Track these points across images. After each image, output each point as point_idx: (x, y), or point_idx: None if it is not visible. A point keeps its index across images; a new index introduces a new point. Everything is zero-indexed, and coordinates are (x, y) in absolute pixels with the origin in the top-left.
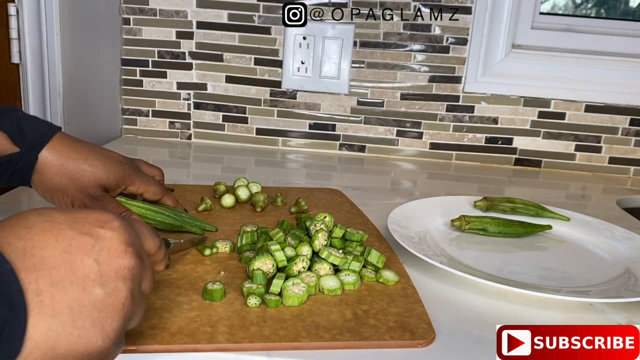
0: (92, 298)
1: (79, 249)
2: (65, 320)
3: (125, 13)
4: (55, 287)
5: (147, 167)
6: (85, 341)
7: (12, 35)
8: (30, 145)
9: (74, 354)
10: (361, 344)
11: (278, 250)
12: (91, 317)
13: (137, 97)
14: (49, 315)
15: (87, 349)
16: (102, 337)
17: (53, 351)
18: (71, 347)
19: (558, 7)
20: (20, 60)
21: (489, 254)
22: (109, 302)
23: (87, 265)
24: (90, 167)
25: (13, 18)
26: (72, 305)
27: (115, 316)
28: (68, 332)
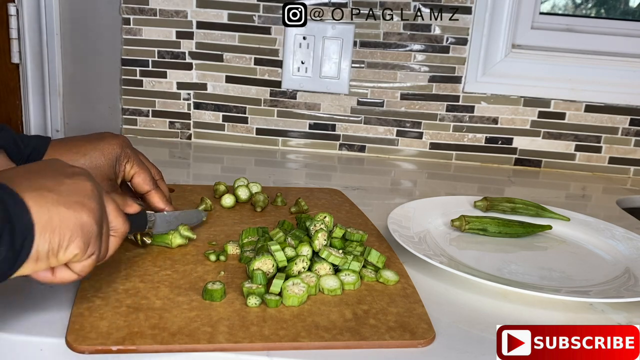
0: (64, 185)
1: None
2: (50, 198)
3: (125, 13)
4: (31, 180)
5: (146, 160)
6: (74, 214)
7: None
8: (27, 159)
9: (68, 225)
10: (361, 343)
11: (278, 250)
12: (70, 197)
13: (137, 97)
14: (35, 196)
15: (76, 220)
16: (85, 211)
17: (50, 224)
18: (63, 219)
19: (558, 7)
20: (20, 60)
21: (489, 254)
22: (79, 187)
23: (49, 169)
24: (90, 161)
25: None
26: (51, 190)
27: (90, 198)
28: (55, 208)
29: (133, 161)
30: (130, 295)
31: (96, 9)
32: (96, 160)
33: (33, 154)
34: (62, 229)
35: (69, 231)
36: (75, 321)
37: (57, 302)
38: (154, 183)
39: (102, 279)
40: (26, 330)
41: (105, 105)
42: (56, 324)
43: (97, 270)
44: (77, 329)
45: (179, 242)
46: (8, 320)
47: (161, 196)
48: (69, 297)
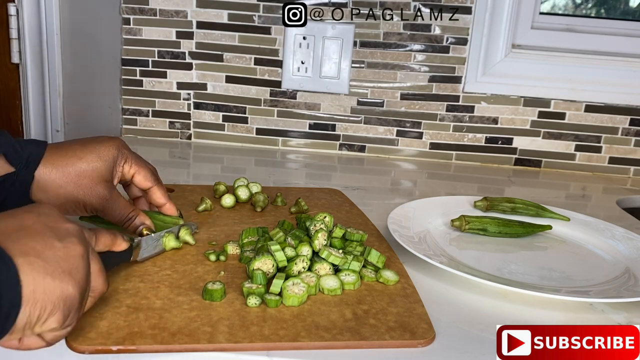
0: (54, 250)
1: (25, 219)
2: (37, 267)
3: (125, 13)
4: (20, 243)
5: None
6: (59, 285)
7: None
8: (24, 164)
9: (52, 298)
10: (361, 343)
11: (278, 250)
12: (58, 265)
13: (137, 97)
14: (24, 264)
15: (61, 293)
16: (72, 283)
17: (33, 296)
18: (48, 291)
19: (558, 7)
20: (20, 60)
21: (489, 254)
22: (69, 254)
23: (40, 228)
24: (87, 164)
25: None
26: (39, 256)
27: (78, 266)
28: (42, 278)
29: (131, 161)
30: (130, 295)
31: (96, 9)
32: (93, 163)
33: (30, 158)
34: (45, 302)
35: (50, 305)
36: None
37: None
38: (155, 179)
39: None
40: None
41: (105, 105)
42: None
43: None
44: (77, 328)
45: (172, 244)
46: None
47: (163, 192)
48: None
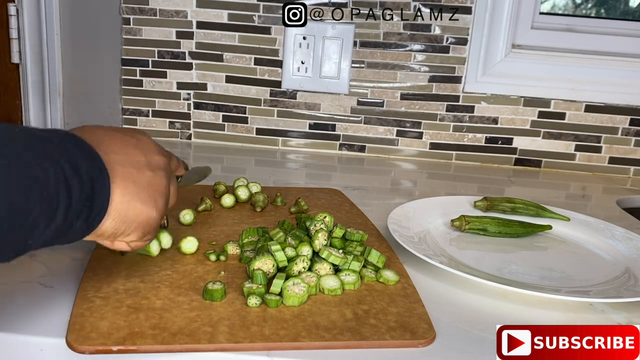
0: (146, 177)
1: (128, 145)
2: (132, 190)
3: (125, 13)
4: (120, 165)
5: None
6: (146, 209)
7: (12, 35)
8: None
9: (137, 219)
10: (361, 343)
11: (279, 250)
12: (147, 192)
13: (137, 97)
14: (122, 187)
15: (146, 216)
16: (155, 209)
17: (125, 214)
18: (137, 213)
19: (558, 7)
20: (20, 60)
21: (489, 254)
22: (156, 183)
23: (137, 154)
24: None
25: (13, 18)
26: (134, 180)
27: (162, 195)
28: (134, 200)
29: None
30: (131, 295)
31: (96, 9)
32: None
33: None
34: (132, 221)
35: (135, 223)
36: (76, 321)
37: (57, 302)
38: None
39: (102, 279)
40: (26, 330)
41: (105, 105)
42: (56, 324)
43: (98, 270)
44: (78, 329)
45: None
46: (8, 320)
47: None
48: (69, 297)
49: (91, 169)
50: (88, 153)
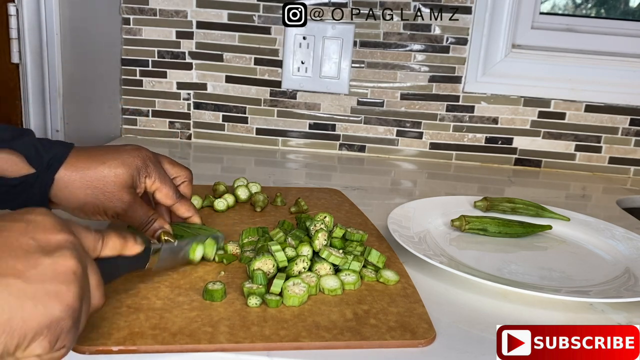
0: (39, 268)
1: (11, 231)
2: (15, 291)
3: (125, 13)
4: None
5: (171, 166)
6: (42, 311)
7: (12, 35)
8: (46, 166)
9: (32, 326)
10: (362, 343)
11: (279, 250)
12: (43, 287)
13: (137, 97)
14: (2, 286)
15: (44, 319)
16: (58, 306)
17: (9, 324)
18: (27, 318)
19: (558, 7)
20: (20, 60)
21: (489, 254)
22: (59, 270)
23: (25, 242)
24: (110, 170)
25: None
26: (20, 277)
27: (69, 285)
28: (21, 303)
29: (154, 177)
30: (131, 295)
31: (96, 9)
32: (115, 169)
33: (53, 160)
34: (23, 329)
35: (31, 331)
36: None
37: None
38: (176, 196)
39: None
40: None
41: (105, 105)
42: None
43: None
44: None
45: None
46: None
47: (186, 207)
48: None
49: None
50: None
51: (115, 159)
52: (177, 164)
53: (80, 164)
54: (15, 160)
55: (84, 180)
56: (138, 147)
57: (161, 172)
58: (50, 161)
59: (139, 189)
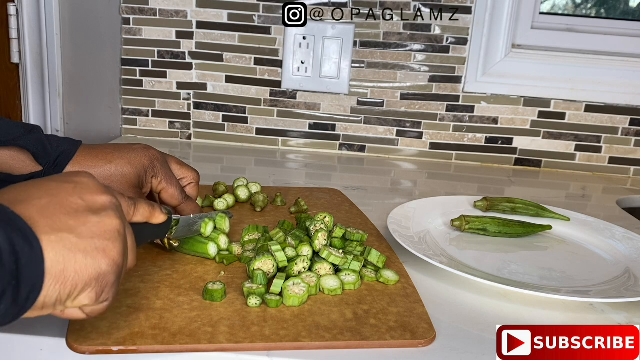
0: (88, 225)
1: (61, 191)
2: (69, 243)
3: (125, 13)
4: (51, 219)
5: (178, 167)
6: (92, 263)
7: (12, 35)
8: (54, 163)
9: (83, 277)
10: (362, 343)
11: (279, 250)
12: (92, 242)
13: (137, 97)
14: (53, 241)
15: (94, 271)
16: (106, 260)
17: (63, 274)
18: (79, 270)
19: (558, 7)
20: (20, 60)
21: (489, 254)
22: (105, 228)
23: (73, 201)
24: (116, 169)
25: (13, 18)
26: (72, 232)
27: (114, 241)
28: (73, 256)
29: (161, 177)
30: (131, 295)
31: (96, 9)
32: (122, 168)
33: (60, 157)
34: (75, 280)
35: (82, 282)
36: (76, 321)
37: None
38: (182, 197)
39: None
40: (26, 330)
41: (105, 105)
42: (56, 324)
43: None
44: (78, 329)
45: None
46: None
47: (192, 207)
48: None
49: (12, 235)
50: (4, 215)
51: (122, 158)
52: (184, 164)
53: (87, 162)
54: (22, 157)
55: None
56: (146, 146)
57: (168, 173)
58: (57, 159)
59: (145, 189)
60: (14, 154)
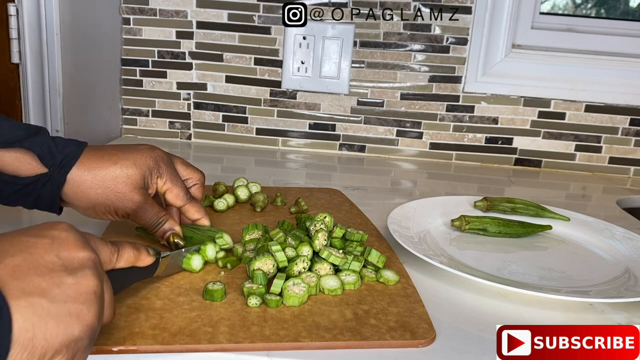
0: (62, 287)
1: (37, 248)
2: (40, 309)
3: (125, 13)
4: (23, 281)
5: (184, 167)
6: (63, 330)
7: (12, 35)
8: (59, 165)
9: (53, 345)
10: (362, 343)
11: (279, 250)
12: (65, 306)
13: (137, 97)
14: (23, 306)
15: (65, 338)
16: (79, 326)
17: (31, 343)
18: (49, 337)
19: (558, 7)
20: (20, 60)
21: (489, 254)
22: (80, 290)
23: (49, 259)
24: (122, 170)
25: (13, 18)
26: (45, 296)
27: (90, 305)
28: (44, 322)
29: (166, 177)
30: (131, 295)
31: (96, 9)
32: (127, 169)
33: (65, 160)
34: (44, 347)
35: (51, 350)
36: None
37: None
38: (186, 197)
39: None
40: None
41: (106, 105)
42: None
43: None
44: None
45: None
46: None
47: (196, 209)
48: None
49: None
50: None
51: (127, 159)
52: (190, 165)
53: (92, 164)
54: (28, 159)
55: (96, 180)
56: (152, 147)
57: (173, 173)
58: (63, 161)
59: (151, 190)
60: (19, 156)
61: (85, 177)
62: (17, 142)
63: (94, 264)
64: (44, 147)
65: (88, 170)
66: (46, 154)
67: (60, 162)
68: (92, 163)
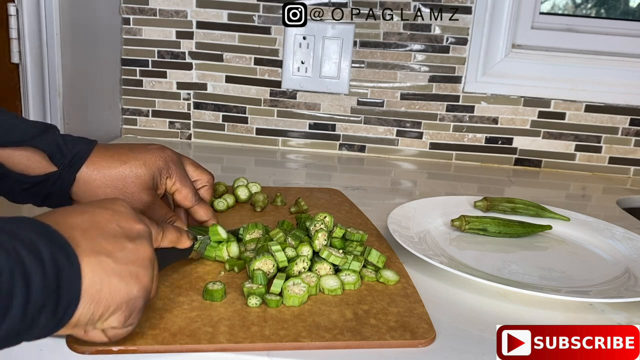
0: (125, 251)
1: (101, 217)
2: (107, 266)
3: (125, 13)
4: (92, 242)
5: (193, 168)
6: (125, 287)
7: (12, 35)
8: (68, 164)
9: (115, 299)
10: (362, 343)
11: (279, 250)
12: (127, 267)
13: (137, 97)
14: (93, 263)
15: (126, 295)
16: (137, 286)
17: (98, 295)
18: (113, 292)
19: (558, 7)
20: (20, 60)
21: (489, 254)
22: (139, 255)
23: (113, 227)
24: (131, 170)
25: (13, 18)
26: (110, 256)
27: (146, 269)
28: (109, 279)
29: (175, 178)
30: None
31: (96, 9)
32: (136, 169)
33: (75, 159)
34: (109, 301)
35: (114, 305)
36: None
37: None
38: (195, 199)
39: None
40: None
41: (105, 105)
42: None
43: None
44: None
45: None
46: None
47: (204, 210)
48: None
49: (55, 252)
50: (48, 234)
51: (137, 159)
52: (199, 167)
53: (102, 163)
54: (38, 158)
55: (105, 179)
56: (162, 147)
57: (182, 174)
58: (72, 159)
59: (160, 190)
60: (29, 154)
61: (95, 177)
62: (27, 141)
63: (148, 235)
64: (53, 145)
65: (97, 169)
66: (56, 152)
67: (69, 161)
68: (102, 162)
